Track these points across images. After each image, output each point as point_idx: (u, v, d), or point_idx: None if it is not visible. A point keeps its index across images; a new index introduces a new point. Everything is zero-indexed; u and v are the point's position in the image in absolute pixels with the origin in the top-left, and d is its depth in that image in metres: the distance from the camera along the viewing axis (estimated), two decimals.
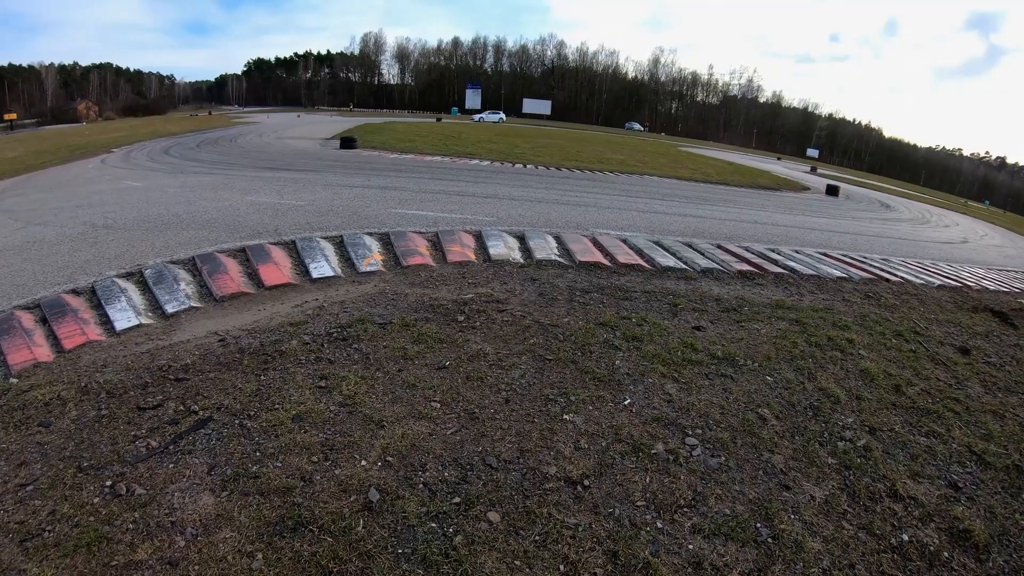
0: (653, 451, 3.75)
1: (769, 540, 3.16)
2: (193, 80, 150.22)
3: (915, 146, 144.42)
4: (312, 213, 9.72)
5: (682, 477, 3.54)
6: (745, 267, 8.29)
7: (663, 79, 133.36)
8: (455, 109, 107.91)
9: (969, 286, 9.83)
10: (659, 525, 3.17)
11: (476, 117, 52.19)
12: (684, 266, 8.07)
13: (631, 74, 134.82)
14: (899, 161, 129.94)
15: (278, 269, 6.72)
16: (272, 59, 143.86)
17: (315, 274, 6.73)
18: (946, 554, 3.25)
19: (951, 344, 6.37)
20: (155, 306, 5.80)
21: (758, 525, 3.25)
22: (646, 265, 7.97)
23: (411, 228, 8.76)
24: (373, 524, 2.98)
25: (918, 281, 9.31)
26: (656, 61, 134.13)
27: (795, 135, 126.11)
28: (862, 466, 3.87)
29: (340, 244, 7.69)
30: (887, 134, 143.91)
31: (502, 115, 58.40)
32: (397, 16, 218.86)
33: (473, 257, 7.72)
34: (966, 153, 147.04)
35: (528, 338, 5.22)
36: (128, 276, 6.31)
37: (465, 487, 3.29)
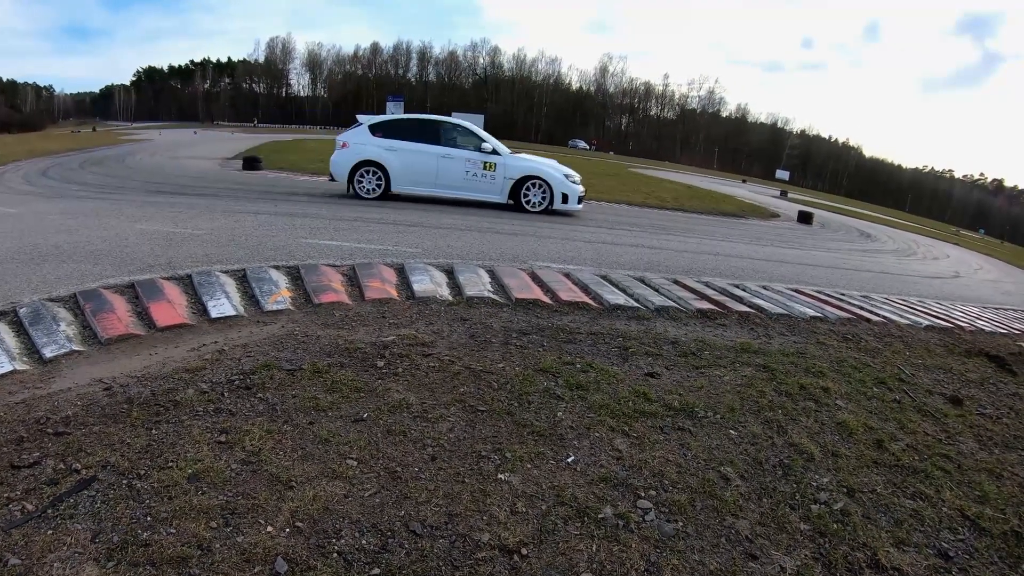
0: (600, 515, 3.83)
1: None
2: (75, 91, 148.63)
3: (900, 167, 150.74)
4: (211, 243, 9.69)
5: (633, 545, 3.60)
6: (705, 305, 8.55)
7: (612, 90, 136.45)
8: None
9: (961, 327, 10.20)
10: None
11: None
12: (636, 304, 8.28)
13: (575, 84, 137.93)
14: (881, 184, 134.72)
15: (172, 308, 6.68)
16: (165, 67, 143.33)
17: (214, 313, 6.71)
18: None
19: (941, 393, 6.58)
20: (31, 350, 5.70)
21: None
22: (592, 303, 8.16)
23: (324, 261, 8.82)
24: None
25: (903, 321, 9.67)
26: (604, 70, 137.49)
27: (763, 154, 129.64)
28: (839, 532, 3.94)
29: (243, 279, 7.70)
30: (867, 153, 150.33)
31: None
32: (307, 18, 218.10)
33: (395, 294, 7.80)
34: (958, 175, 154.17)
35: (457, 386, 5.30)
36: (0, 315, 6.21)
37: (386, 556, 3.32)
